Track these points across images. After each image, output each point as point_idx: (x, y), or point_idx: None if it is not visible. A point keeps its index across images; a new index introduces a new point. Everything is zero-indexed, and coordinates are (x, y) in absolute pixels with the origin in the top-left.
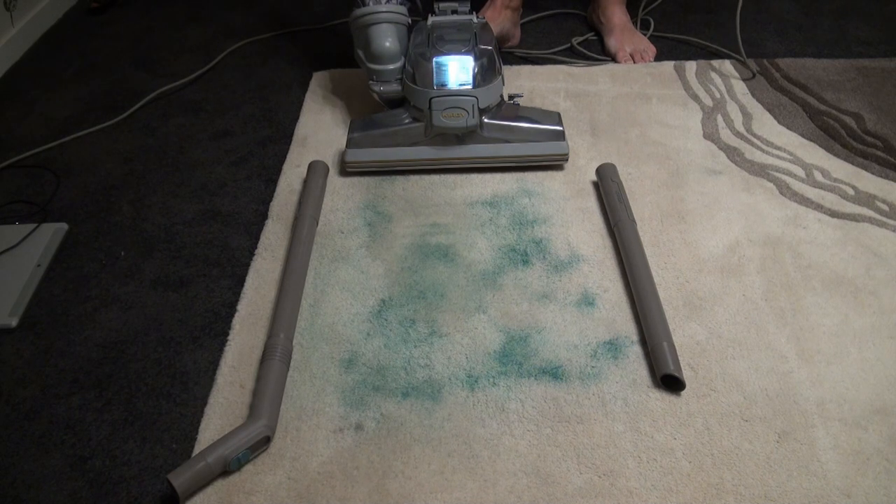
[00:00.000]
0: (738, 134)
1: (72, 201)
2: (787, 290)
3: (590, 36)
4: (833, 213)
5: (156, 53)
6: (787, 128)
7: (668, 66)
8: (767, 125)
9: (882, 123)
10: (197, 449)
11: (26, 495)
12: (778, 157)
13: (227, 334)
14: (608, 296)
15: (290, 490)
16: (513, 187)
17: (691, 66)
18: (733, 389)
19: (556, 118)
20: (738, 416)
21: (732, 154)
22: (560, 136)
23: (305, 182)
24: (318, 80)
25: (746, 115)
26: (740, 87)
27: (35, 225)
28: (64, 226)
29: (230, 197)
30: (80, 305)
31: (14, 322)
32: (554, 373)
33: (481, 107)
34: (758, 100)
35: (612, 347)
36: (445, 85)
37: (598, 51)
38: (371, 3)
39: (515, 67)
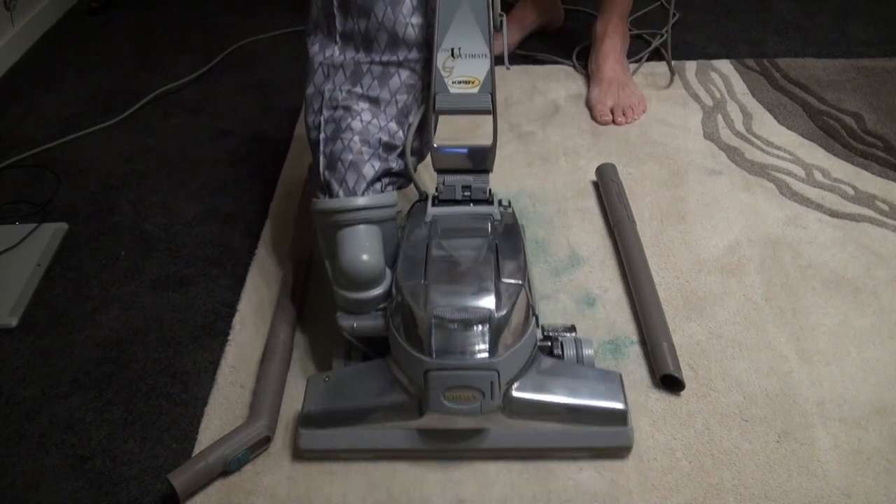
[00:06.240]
0: (738, 134)
1: (72, 201)
2: (787, 290)
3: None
4: (833, 213)
5: (156, 53)
6: (787, 128)
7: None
8: (767, 125)
9: (882, 123)
10: (197, 449)
11: (26, 495)
12: (778, 156)
13: (228, 334)
14: (608, 296)
15: (290, 490)
16: (513, 187)
17: (691, 66)
18: (733, 389)
19: (617, 385)
20: (738, 416)
21: (732, 154)
22: (621, 418)
23: (306, 182)
24: None
25: (746, 115)
26: (740, 87)
27: (35, 225)
28: (64, 226)
29: (230, 197)
30: (80, 305)
31: (14, 322)
32: None
33: (505, 381)
34: (758, 100)
35: (612, 347)
36: (450, 353)
37: None
38: (342, 194)
39: (515, 67)
